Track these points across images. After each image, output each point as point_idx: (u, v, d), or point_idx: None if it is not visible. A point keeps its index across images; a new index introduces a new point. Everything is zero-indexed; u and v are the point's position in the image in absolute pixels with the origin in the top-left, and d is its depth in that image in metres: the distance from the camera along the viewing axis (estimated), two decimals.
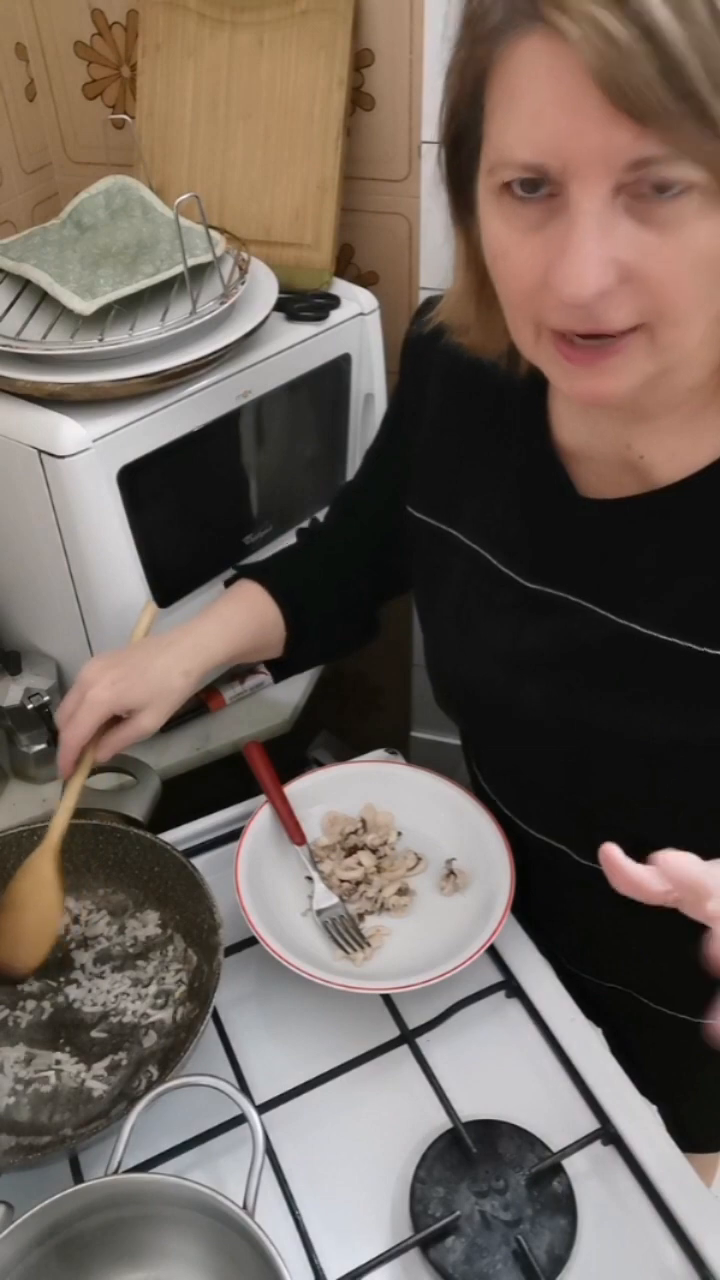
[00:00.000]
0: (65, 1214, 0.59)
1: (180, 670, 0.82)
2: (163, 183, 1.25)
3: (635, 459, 0.65)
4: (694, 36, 0.44)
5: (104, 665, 0.81)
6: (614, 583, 0.67)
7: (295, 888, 0.86)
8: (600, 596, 0.68)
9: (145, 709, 0.80)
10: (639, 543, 0.65)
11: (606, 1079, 0.75)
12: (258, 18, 1.16)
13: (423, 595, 0.82)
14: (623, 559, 0.66)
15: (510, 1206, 0.68)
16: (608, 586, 0.67)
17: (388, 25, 1.15)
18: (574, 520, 0.68)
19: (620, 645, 0.66)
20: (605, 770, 0.70)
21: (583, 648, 0.69)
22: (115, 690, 0.79)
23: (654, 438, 0.64)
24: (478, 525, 0.75)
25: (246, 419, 1.09)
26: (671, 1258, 0.67)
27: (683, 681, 0.65)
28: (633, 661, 0.66)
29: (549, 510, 0.70)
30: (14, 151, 1.31)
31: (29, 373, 0.94)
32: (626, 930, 0.84)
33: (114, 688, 0.79)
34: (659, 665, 0.65)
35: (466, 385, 0.75)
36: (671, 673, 0.65)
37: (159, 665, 0.82)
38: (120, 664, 0.81)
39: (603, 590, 0.67)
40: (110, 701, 0.79)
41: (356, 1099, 0.75)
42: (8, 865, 0.84)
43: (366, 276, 1.35)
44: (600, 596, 0.68)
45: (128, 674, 0.80)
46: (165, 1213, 0.61)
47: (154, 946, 0.83)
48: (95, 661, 0.82)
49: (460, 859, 0.87)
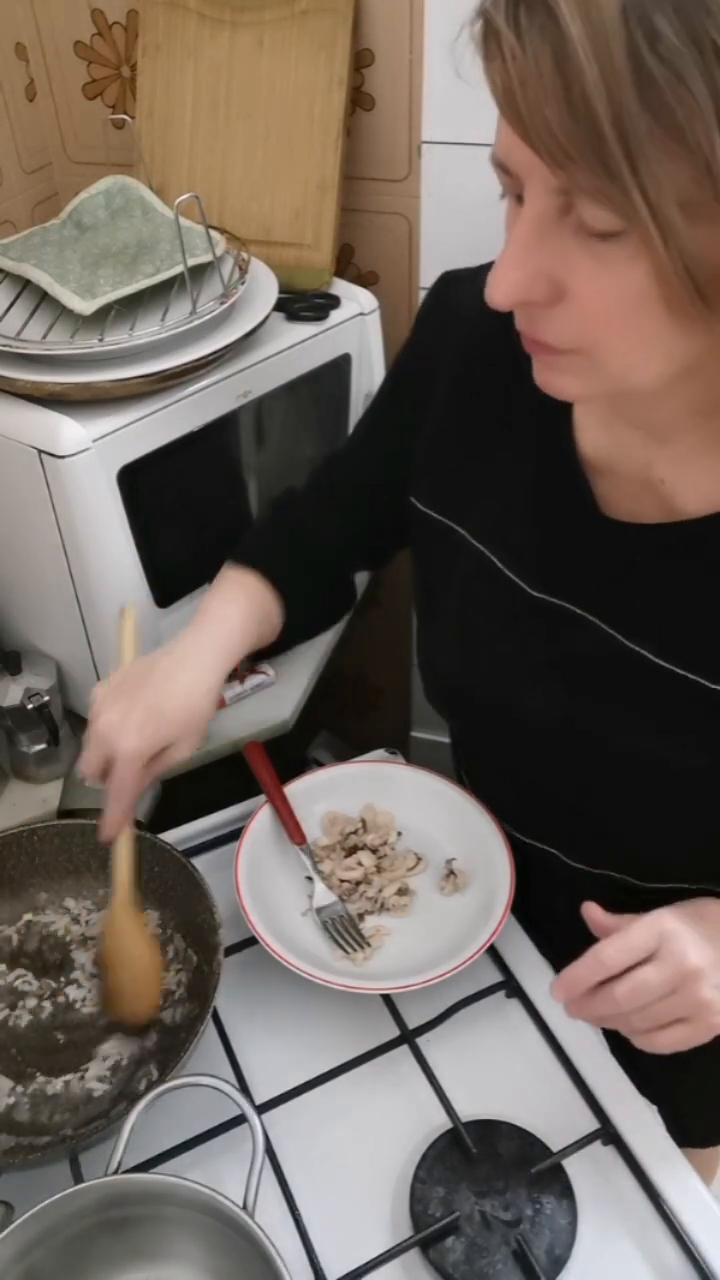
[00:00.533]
0: (65, 1214, 0.59)
1: (201, 691, 0.77)
2: (163, 183, 1.25)
3: (656, 481, 0.64)
4: (609, 85, 0.42)
5: (121, 709, 0.74)
6: (625, 605, 0.66)
7: (295, 888, 0.86)
8: (609, 616, 0.67)
9: (178, 743, 0.76)
10: (656, 571, 0.64)
11: (606, 1079, 0.75)
12: (258, 18, 1.16)
13: (423, 590, 0.82)
14: (637, 583, 0.65)
15: (510, 1206, 0.68)
16: (618, 607, 0.66)
17: (388, 25, 1.15)
18: (590, 537, 0.67)
19: (624, 667, 0.66)
20: (598, 782, 0.70)
21: (586, 662, 0.68)
22: (145, 738, 0.73)
23: (675, 463, 0.62)
24: (484, 525, 0.74)
25: (246, 419, 1.10)
26: (671, 1258, 0.67)
27: (684, 712, 0.64)
28: (636, 684, 0.66)
29: (564, 522, 0.68)
30: (14, 151, 1.31)
31: (29, 373, 0.94)
32: None
33: (142, 735, 0.73)
34: (663, 693, 0.64)
35: (477, 377, 0.73)
36: (674, 702, 0.64)
37: (179, 694, 0.76)
38: (136, 703, 0.74)
39: (612, 610, 0.66)
40: (145, 752, 0.74)
41: (356, 1099, 0.75)
42: (8, 865, 0.84)
43: (366, 276, 1.35)
44: (609, 616, 0.67)
45: (150, 715, 0.74)
46: (165, 1213, 0.61)
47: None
48: (107, 701, 0.75)
49: (460, 859, 0.87)
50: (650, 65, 0.41)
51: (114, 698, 0.76)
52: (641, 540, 0.64)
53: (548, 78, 0.43)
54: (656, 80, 0.41)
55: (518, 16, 0.43)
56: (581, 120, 0.43)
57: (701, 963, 0.58)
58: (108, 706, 0.75)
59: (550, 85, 0.43)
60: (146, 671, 0.78)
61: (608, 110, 0.42)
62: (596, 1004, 0.60)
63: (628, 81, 0.41)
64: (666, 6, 0.41)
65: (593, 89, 0.42)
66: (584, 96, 0.42)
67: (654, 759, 0.66)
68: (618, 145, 0.42)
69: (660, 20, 0.41)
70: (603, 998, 0.59)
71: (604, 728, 0.68)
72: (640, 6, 0.41)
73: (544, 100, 0.43)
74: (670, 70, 0.41)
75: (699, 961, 0.58)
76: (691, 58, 0.41)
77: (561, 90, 0.43)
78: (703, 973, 0.58)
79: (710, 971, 0.58)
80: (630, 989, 0.58)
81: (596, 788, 0.70)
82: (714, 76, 0.41)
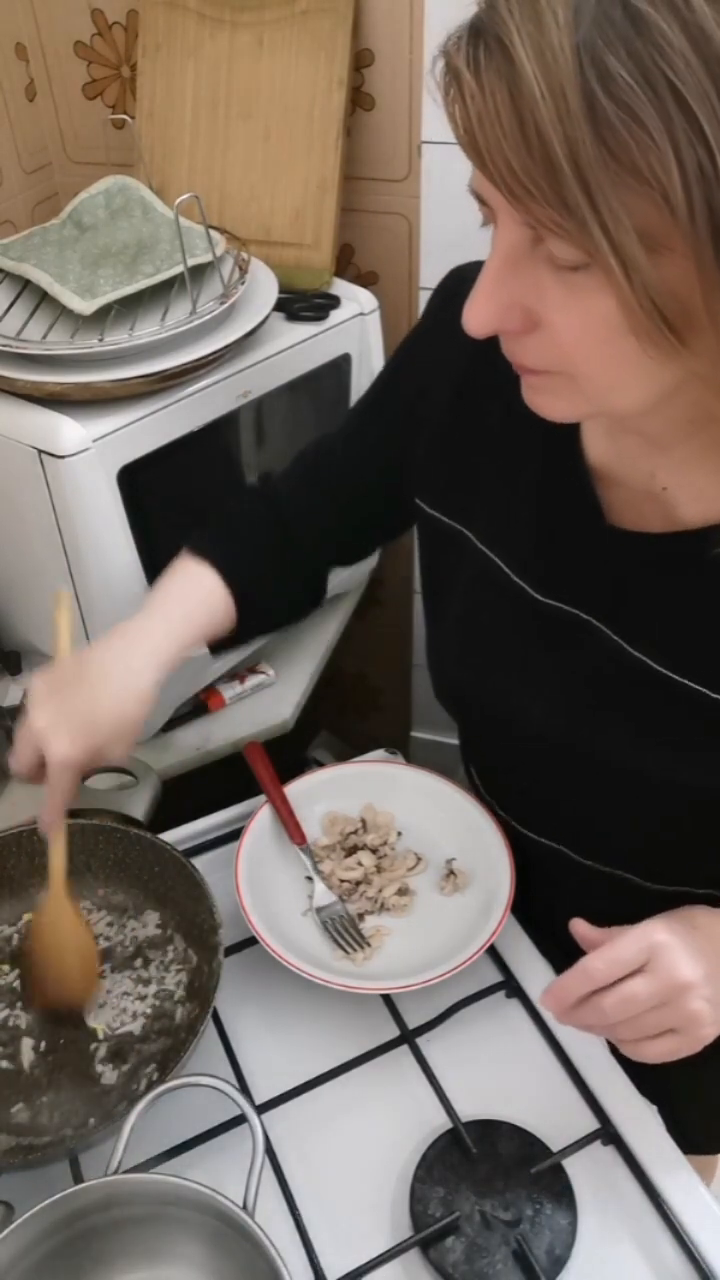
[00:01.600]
0: (65, 1214, 0.59)
1: (134, 698, 0.75)
2: (163, 183, 1.25)
3: (659, 491, 0.64)
4: (565, 123, 0.42)
5: (54, 713, 0.73)
6: (627, 612, 0.66)
7: (295, 888, 0.86)
8: (613, 621, 0.67)
9: (111, 746, 0.75)
10: (658, 580, 0.64)
11: (606, 1079, 0.75)
12: (258, 18, 1.16)
13: (429, 592, 0.81)
14: (640, 591, 0.65)
15: (510, 1206, 0.68)
16: (621, 614, 0.66)
17: (388, 25, 1.15)
18: (595, 544, 0.67)
19: (627, 674, 0.66)
20: (600, 786, 0.70)
21: (590, 668, 0.68)
22: (77, 747, 0.72)
23: (677, 471, 0.62)
24: (490, 529, 0.73)
25: (246, 419, 1.10)
26: (671, 1258, 0.67)
27: (688, 722, 0.64)
28: (637, 692, 0.66)
29: (570, 528, 0.68)
30: (14, 151, 1.31)
31: (29, 373, 0.94)
32: None
33: (74, 744, 0.72)
34: (664, 701, 0.64)
35: (485, 378, 0.73)
36: (676, 711, 0.64)
37: (112, 701, 0.74)
38: (69, 708, 0.73)
39: (615, 616, 0.66)
40: (78, 760, 0.73)
41: (356, 1099, 0.75)
42: (8, 865, 0.84)
43: (366, 276, 1.35)
44: (613, 621, 0.67)
45: (83, 723, 0.73)
46: (165, 1213, 0.61)
47: (154, 946, 0.83)
48: (42, 699, 0.74)
49: (460, 859, 0.87)
50: (604, 104, 0.42)
51: (49, 697, 0.74)
52: (644, 549, 0.65)
53: (505, 116, 0.44)
54: (611, 119, 0.42)
55: (476, 57, 0.45)
56: (538, 158, 0.44)
57: (693, 976, 0.58)
58: (42, 705, 0.74)
59: (507, 123, 0.44)
60: (82, 671, 0.76)
61: (564, 148, 0.43)
62: (584, 1014, 0.60)
63: (582, 120, 0.42)
64: (618, 47, 0.41)
65: (548, 127, 0.43)
66: (540, 134, 0.43)
67: (656, 767, 0.66)
68: (575, 181, 0.43)
69: (612, 61, 0.41)
70: (591, 1008, 0.59)
71: (605, 734, 0.68)
72: (593, 47, 0.42)
73: (502, 138, 0.44)
74: (624, 109, 0.42)
75: (690, 975, 0.58)
76: (645, 96, 0.41)
77: (518, 128, 0.44)
78: (693, 985, 0.57)
79: (701, 984, 0.58)
80: (618, 1001, 0.58)
81: (599, 791, 0.70)
82: (668, 113, 0.41)
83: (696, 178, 0.42)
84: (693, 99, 0.41)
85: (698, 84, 0.41)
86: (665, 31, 0.41)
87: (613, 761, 0.68)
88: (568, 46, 0.42)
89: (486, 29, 0.45)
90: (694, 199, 0.42)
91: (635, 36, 0.41)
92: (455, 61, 0.46)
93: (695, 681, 0.63)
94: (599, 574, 0.67)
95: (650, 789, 0.67)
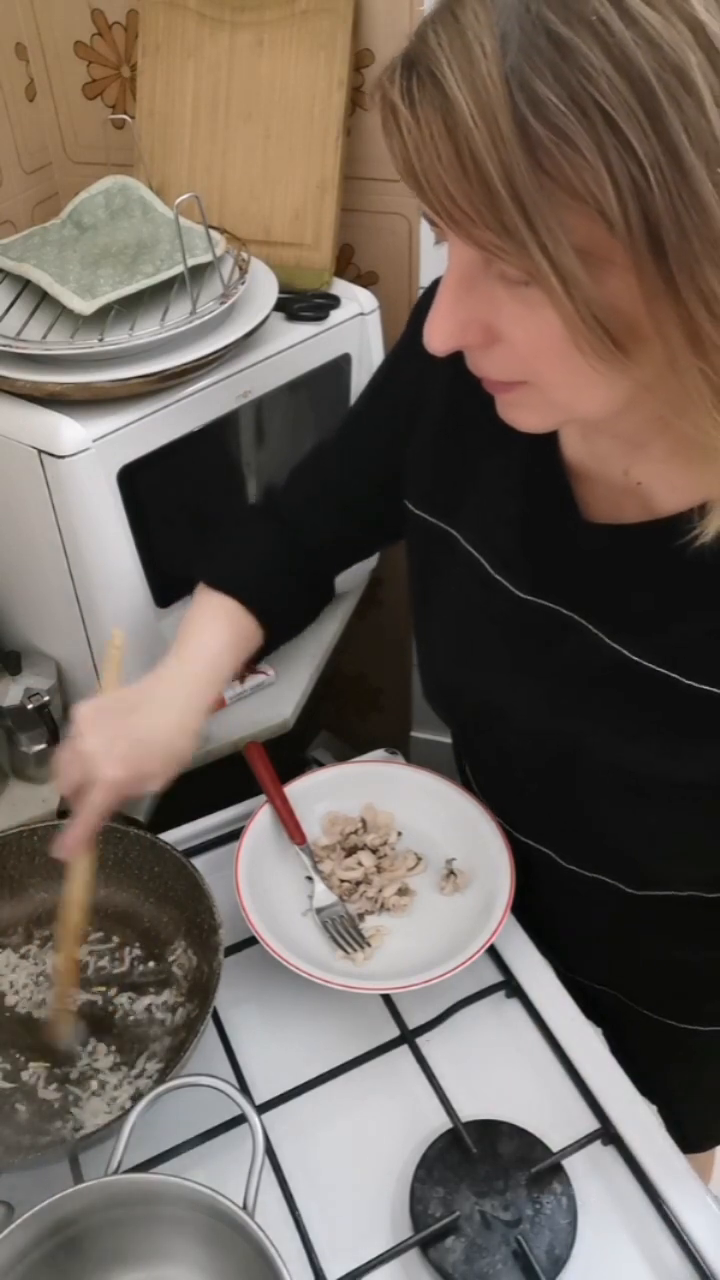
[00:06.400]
0: (65, 1214, 0.59)
1: (187, 734, 0.78)
2: (163, 183, 1.25)
3: (634, 485, 0.64)
4: (498, 148, 0.43)
5: (108, 737, 0.74)
6: (607, 605, 0.67)
7: (295, 888, 0.86)
8: (593, 616, 0.67)
9: (153, 778, 0.76)
10: (639, 572, 0.65)
11: (606, 1079, 0.75)
12: (258, 18, 1.16)
13: (419, 593, 0.82)
14: (621, 586, 0.66)
15: (510, 1206, 0.68)
16: (601, 607, 0.67)
17: (388, 25, 1.15)
18: (573, 540, 0.68)
19: (611, 669, 0.66)
20: (584, 783, 0.70)
21: (573, 663, 0.68)
22: (128, 770, 0.74)
23: (650, 465, 0.63)
24: (474, 529, 0.74)
25: (246, 419, 1.10)
26: (671, 1258, 0.67)
27: (669, 713, 0.64)
28: (622, 686, 0.66)
29: (548, 526, 0.69)
30: (14, 151, 1.31)
31: (29, 373, 0.94)
32: (608, 934, 0.84)
33: (126, 766, 0.73)
34: (648, 694, 0.65)
35: (472, 381, 0.73)
36: (659, 703, 0.64)
37: (165, 732, 0.77)
38: (123, 733, 0.75)
39: (596, 610, 0.67)
40: (126, 783, 0.74)
41: (356, 1099, 0.75)
42: (8, 865, 0.84)
43: (366, 276, 1.35)
44: (593, 616, 0.67)
45: (135, 749, 0.75)
46: (165, 1213, 0.61)
47: (154, 946, 0.83)
48: (91, 725, 0.75)
49: (460, 859, 0.87)
50: (536, 128, 0.43)
51: (99, 723, 0.75)
52: (621, 540, 0.65)
53: (441, 146, 0.45)
54: (544, 141, 0.43)
55: (410, 90, 0.46)
56: (476, 184, 0.45)
57: None
58: (92, 730, 0.75)
59: (443, 151, 0.45)
60: (135, 703, 0.78)
61: (500, 172, 0.44)
62: None
63: (516, 145, 0.43)
64: (545, 73, 0.42)
65: (483, 154, 0.44)
66: (475, 161, 0.44)
67: (640, 761, 0.66)
68: (512, 205, 0.44)
69: (540, 86, 0.42)
70: None
71: (590, 729, 0.68)
72: (521, 74, 0.42)
73: (439, 167, 0.45)
74: (555, 132, 0.43)
75: None
76: (575, 117, 0.42)
77: (454, 157, 0.45)
78: None
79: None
80: None
81: (583, 789, 0.70)
82: (598, 133, 0.42)
83: (631, 192, 0.43)
84: (620, 118, 0.42)
85: (623, 103, 0.42)
86: (588, 55, 0.42)
87: (598, 757, 0.68)
88: (497, 75, 0.43)
89: (419, 61, 0.46)
90: (629, 212, 0.44)
91: (561, 61, 0.42)
92: (390, 95, 0.47)
93: (675, 671, 0.64)
94: (578, 570, 0.68)
95: (634, 785, 0.67)
